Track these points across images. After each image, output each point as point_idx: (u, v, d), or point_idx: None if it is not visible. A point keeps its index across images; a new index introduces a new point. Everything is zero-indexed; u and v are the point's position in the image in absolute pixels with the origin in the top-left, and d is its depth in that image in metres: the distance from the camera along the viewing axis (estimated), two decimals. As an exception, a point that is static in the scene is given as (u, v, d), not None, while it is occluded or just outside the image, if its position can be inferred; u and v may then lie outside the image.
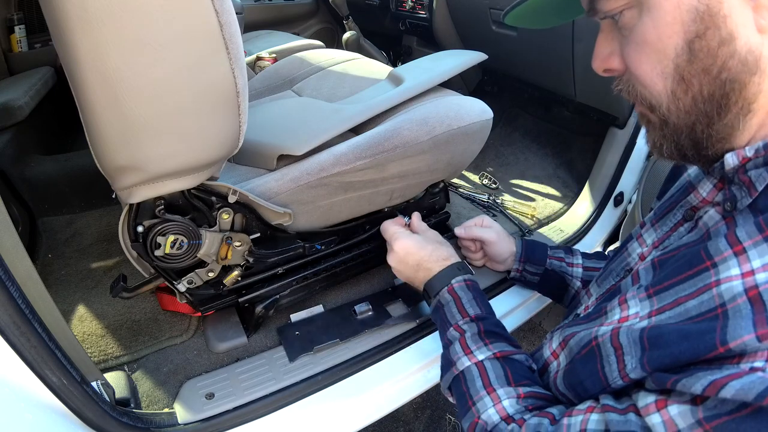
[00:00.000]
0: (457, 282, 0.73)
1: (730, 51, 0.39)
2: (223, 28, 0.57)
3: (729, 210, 0.43)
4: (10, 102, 1.29)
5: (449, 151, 0.92)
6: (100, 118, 0.57)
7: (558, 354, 0.57)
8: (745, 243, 0.38)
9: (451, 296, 0.72)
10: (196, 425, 0.75)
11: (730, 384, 0.33)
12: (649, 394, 0.41)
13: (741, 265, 0.38)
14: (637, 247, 0.59)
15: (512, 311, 1.04)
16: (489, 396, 0.57)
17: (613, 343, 0.45)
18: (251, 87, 1.20)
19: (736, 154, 0.42)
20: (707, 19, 0.38)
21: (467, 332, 0.66)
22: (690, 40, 0.39)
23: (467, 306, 0.70)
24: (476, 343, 0.64)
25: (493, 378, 0.59)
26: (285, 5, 2.37)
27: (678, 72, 0.41)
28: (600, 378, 0.47)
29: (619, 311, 0.49)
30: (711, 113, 0.41)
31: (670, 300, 0.43)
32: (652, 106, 0.44)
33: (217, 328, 0.92)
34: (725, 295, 0.37)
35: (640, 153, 1.29)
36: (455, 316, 0.69)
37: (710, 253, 0.41)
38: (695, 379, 0.36)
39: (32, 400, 0.55)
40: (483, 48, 1.15)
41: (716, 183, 0.48)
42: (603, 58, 0.47)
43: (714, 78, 0.40)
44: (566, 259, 0.88)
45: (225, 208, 0.77)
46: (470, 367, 0.62)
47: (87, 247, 1.22)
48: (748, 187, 0.41)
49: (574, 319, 0.63)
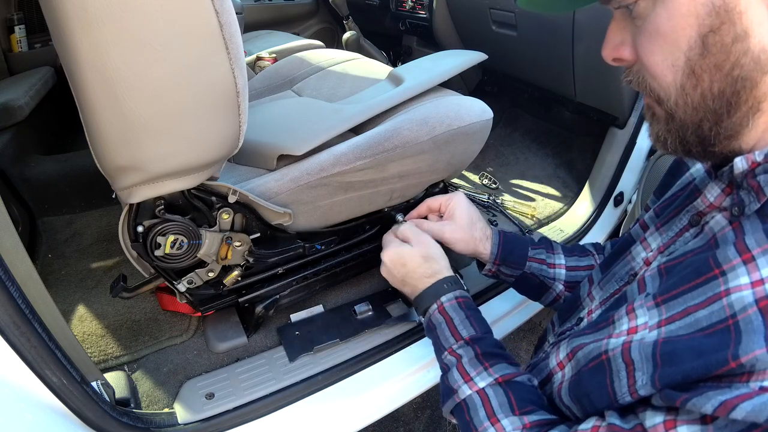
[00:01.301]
0: (447, 301, 0.69)
1: (744, 48, 0.38)
2: (223, 28, 0.57)
3: (736, 215, 0.42)
4: (10, 102, 1.29)
5: (449, 151, 0.92)
6: (100, 118, 0.57)
7: (564, 365, 0.56)
8: (755, 251, 0.38)
9: (443, 317, 0.68)
10: (196, 425, 0.75)
11: (740, 406, 0.33)
12: (656, 414, 0.40)
13: (750, 274, 0.37)
14: (642, 251, 0.58)
15: (511, 312, 1.05)
16: (493, 428, 0.55)
17: (624, 359, 0.45)
18: (251, 87, 1.20)
19: (746, 158, 0.41)
20: (723, 14, 0.38)
21: (464, 357, 0.63)
22: (704, 34, 0.39)
23: (460, 327, 0.66)
24: (475, 368, 0.61)
25: (496, 406, 0.57)
26: (285, 5, 2.37)
27: (689, 65, 0.40)
28: (608, 392, 0.46)
29: (627, 321, 0.48)
30: (720, 111, 0.41)
31: (679, 309, 0.42)
32: (660, 99, 0.44)
33: (217, 328, 0.92)
34: (736, 305, 0.37)
35: (640, 153, 1.29)
36: (449, 340, 0.66)
37: (719, 261, 0.40)
38: (705, 399, 0.35)
39: (32, 400, 0.55)
40: (483, 48, 1.15)
41: (724, 188, 0.47)
42: (613, 46, 0.47)
43: (726, 75, 0.40)
44: (547, 260, 0.80)
45: (225, 208, 0.77)
46: (472, 396, 0.59)
47: (87, 247, 1.22)
48: (756, 192, 0.40)
49: (578, 325, 0.63)
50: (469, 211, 0.82)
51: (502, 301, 1.04)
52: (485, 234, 0.82)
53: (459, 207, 0.82)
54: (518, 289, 0.85)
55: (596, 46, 1.23)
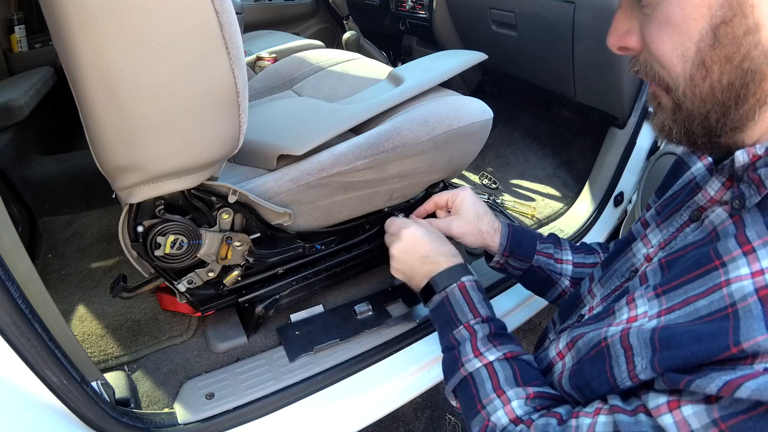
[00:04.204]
0: (468, 281, 0.70)
1: (755, 41, 0.39)
2: (223, 28, 0.57)
3: (737, 208, 0.43)
4: (10, 102, 1.29)
5: (449, 151, 0.92)
6: (100, 118, 0.57)
7: (564, 354, 0.57)
8: (755, 242, 0.39)
9: (462, 295, 0.68)
10: (196, 425, 0.75)
11: (745, 384, 0.33)
12: (659, 395, 0.41)
13: (750, 265, 0.38)
14: (642, 248, 0.58)
15: (512, 311, 1.05)
16: (499, 399, 0.56)
17: (622, 344, 0.45)
18: (251, 87, 1.20)
19: (747, 151, 0.42)
20: (735, 6, 0.38)
21: (479, 333, 0.63)
22: (716, 26, 0.39)
23: (479, 306, 0.67)
24: (485, 345, 0.62)
25: (503, 379, 0.58)
26: (285, 5, 2.37)
27: (699, 56, 0.41)
28: (608, 378, 0.46)
29: (627, 310, 0.49)
30: (728, 102, 0.41)
31: (679, 299, 0.43)
32: (668, 88, 0.44)
33: (217, 328, 0.92)
34: (736, 294, 0.37)
35: (640, 153, 1.29)
36: (467, 315, 0.66)
37: (719, 253, 0.41)
38: (709, 379, 0.36)
39: (32, 400, 0.55)
40: (483, 48, 1.15)
41: (725, 181, 0.47)
42: (620, 35, 0.47)
43: (735, 66, 0.40)
44: (555, 255, 0.81)
45: (225, 208, 0.77)
46: (479, 370, 0.60)
47: (87, 247, 1.22)
48: (757, 185, 0.41)
49: (579, 320, 0.63)
50: (476, 205, 0.83)
51: (505, 298, 1.05)
52: (493, 227, 0.82)
53: (465, 202, 0.83)
54: (524, 284, 0.86)
55: (596, 46, 1.23)
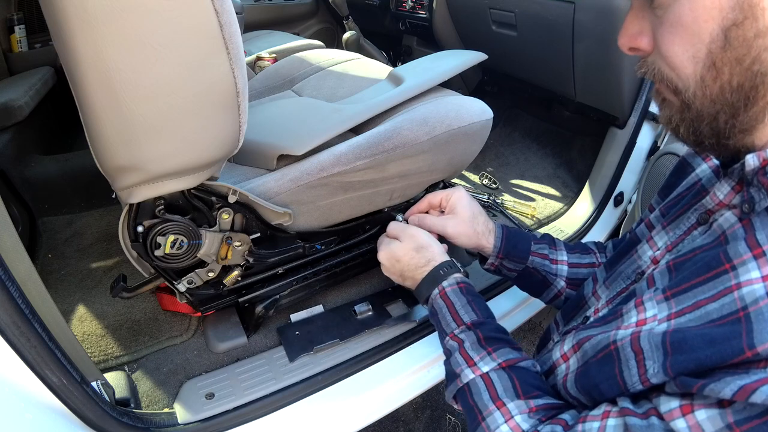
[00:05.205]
0: (449, 285, 0.69)
1: (765, 44, 0.39)
2: (223, 28, 0.57)
3: (746, 212, 0.43)
4: (10, 102, 1.29)
5: (449, 151, 0.92)
6: (100, 118, 0.57)
7: (569, 357, 0.56)
8: (765, 246, 0.39)
9: (444, 302, 0.68)
10: (196, 425, 0.75)
11: (761, 389, 0.33)
12: (671, 399, 0.40)
13: (761, 268, 0.38)
14: (648, 250, 0.58)
15: (512, 311, 1.05)
16: (499, 411, 0.55)
17: (633, 348, 0.45)
18: (251, 87, 1.20)
19: (757, 155, 0.42)
20: (746, 9, 0.38)
21: (465, 342, 0.63)
22: (726, 28, 0.39)
23: (461, 312, 0.66)
24: (478, 353, 0.61)
25: (501, 391, 0.57)
26: (285, 5, 2.37)
27: (710, 58, 0.41)
28: (618, 382, 0.46)
29: (636, 314, 0.48)
30: (738, 104, 0.41)
31: (689, 303, 0.43)
32: (677, 90, 0.44)
33: (217, 328, 0.92)
34: (747, 298, 0.38)
35: (640, 153, 1.29)
36: (450, 325, 0.66)
37: (729, 256, 0.41)
38: (723, 384, 0.36)
39: (32, 400, 0.55)
40: (483, 48, 1.15)
41: (734, 185, 0.47)
42: (631, 35, 0.47)
43: (746, 69, 0.40)
44: (550, 256, 0.80)
45: (225, 208, 0.77)
46: (475, 380, 0.59)
47: (87, 247, 1.22)
48: (767, 189, 0.41)
49: (584, 322, 0.63)
50: (471, 205, 0.82)
51: (502, 300, 1.04)
52: (488, 228, 0.81)
53: (460, 201, 0.82)
54: (520, 285, 0.85)
55: (596, 46, 1.23)
